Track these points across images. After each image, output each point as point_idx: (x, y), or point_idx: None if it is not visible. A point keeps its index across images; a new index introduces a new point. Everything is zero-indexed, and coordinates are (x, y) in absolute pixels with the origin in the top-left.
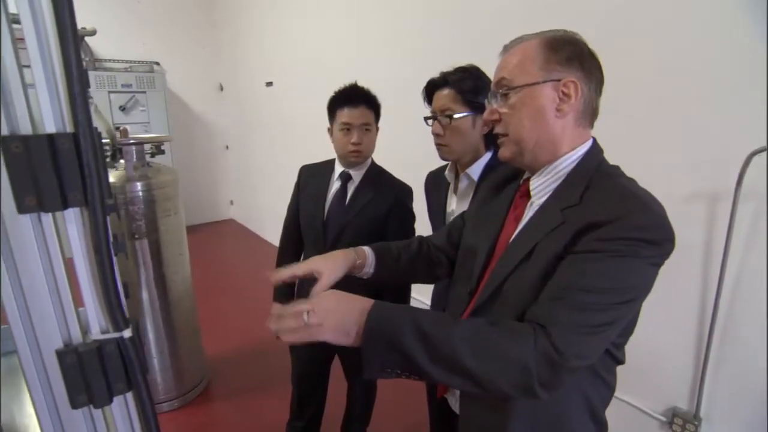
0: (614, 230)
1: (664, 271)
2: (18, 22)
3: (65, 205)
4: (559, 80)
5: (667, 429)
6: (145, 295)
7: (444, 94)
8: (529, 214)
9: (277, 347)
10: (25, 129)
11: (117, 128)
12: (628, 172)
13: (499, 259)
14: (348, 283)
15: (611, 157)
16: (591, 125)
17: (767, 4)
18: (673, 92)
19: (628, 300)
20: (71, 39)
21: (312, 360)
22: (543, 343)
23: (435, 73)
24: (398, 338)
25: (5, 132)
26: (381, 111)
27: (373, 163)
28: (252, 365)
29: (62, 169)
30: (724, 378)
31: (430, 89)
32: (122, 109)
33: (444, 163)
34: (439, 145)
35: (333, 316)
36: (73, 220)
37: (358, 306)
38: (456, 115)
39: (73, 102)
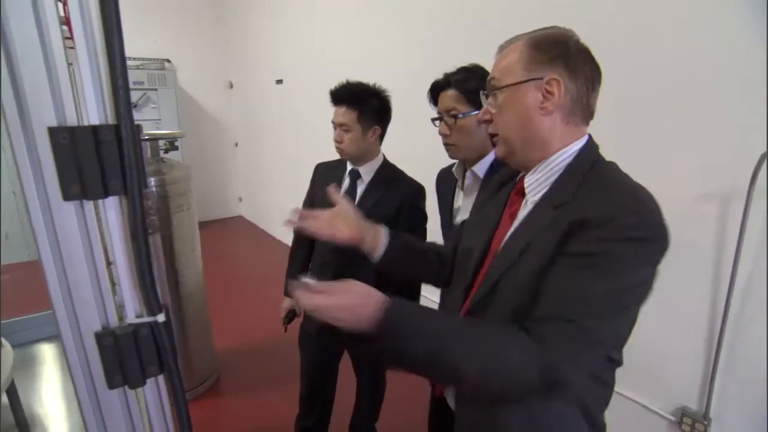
0: (608, 231)
1: (674, 270)
2: (64, 23)
3: (106, 193)
4: (541, 78)
5: (676, 429)
6: (157, 290)
7: (448, 95)
8: (523, 212)
9: (286, 343)
10: (72, 121)
11: None
12: (641, 171)
13: (496, 258)
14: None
15: (624, 156)
16: (585, 122)
17: None
18: (686, 93)
19: (628, 305)
20: (116, 37)
21: (321, 355)
22: (544, 361)
23: (447, 71)
24: (407, 340)
25: (54, 123)
26: (378, 110)
27: (385, 160)
28: (261, 361)
29: (104, 158)
30: (735, 378)
31: (435, 91)
32: (134, 106)
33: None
34: (447, 145)
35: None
36: (112, 207)
37: (375, 299)
38: (460, 115)
39: (116, 95)
